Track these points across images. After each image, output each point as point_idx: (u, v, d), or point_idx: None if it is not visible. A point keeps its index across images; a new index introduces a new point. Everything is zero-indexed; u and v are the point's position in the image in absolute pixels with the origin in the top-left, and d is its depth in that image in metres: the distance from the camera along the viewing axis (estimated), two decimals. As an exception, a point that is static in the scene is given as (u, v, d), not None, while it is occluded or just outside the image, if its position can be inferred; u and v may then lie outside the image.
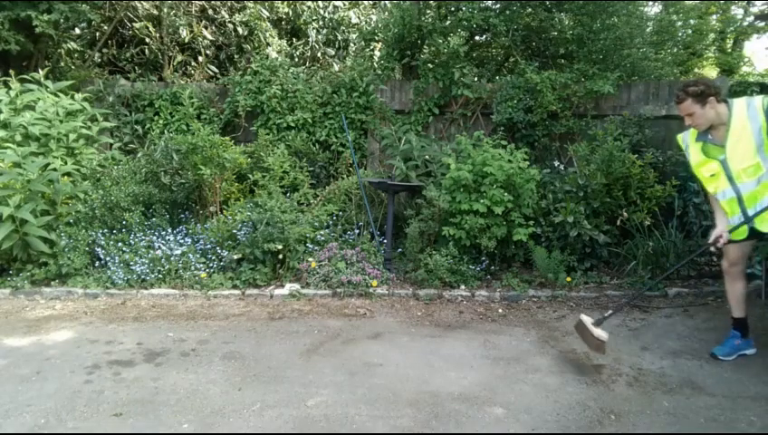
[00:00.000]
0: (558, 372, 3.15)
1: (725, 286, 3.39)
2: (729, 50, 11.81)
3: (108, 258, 4.70)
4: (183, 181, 5.36)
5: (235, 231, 4.86)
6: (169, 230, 5.09)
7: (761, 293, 4.45)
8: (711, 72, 11.63)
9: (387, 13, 8.26)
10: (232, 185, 5.62)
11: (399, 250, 5.24)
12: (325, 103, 6.25)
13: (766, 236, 3.08)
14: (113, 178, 5.29)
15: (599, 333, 3.20)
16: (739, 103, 2.95)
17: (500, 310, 4.29)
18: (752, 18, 11.14)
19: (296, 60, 9.00)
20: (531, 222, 4.80)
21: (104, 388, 2.89)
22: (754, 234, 3.09)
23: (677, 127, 5.82)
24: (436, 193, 4.86)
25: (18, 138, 5.18)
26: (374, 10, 10.02)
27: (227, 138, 5.66)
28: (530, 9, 7.00)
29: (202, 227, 5.11)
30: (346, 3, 9.69)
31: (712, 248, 3.19)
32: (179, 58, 8.24)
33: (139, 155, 5.78)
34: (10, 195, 4.45)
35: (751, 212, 3.00)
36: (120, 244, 4.84)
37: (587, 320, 3.31)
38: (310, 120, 6.16)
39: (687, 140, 3.22)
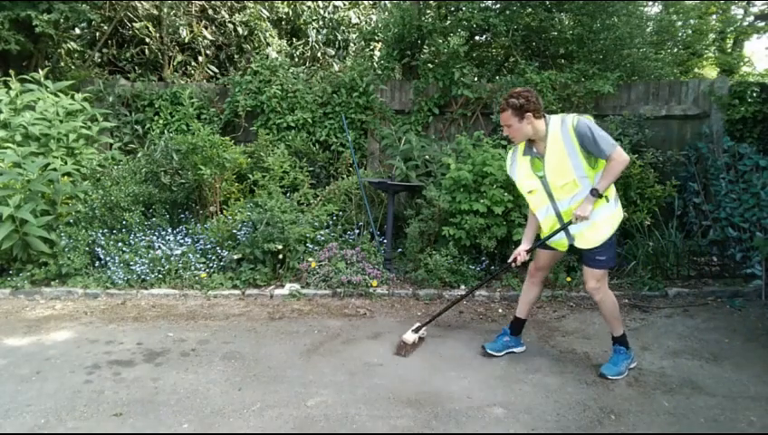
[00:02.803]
0: (558, 372, 3.15)
1: (523, 286, 3.44)
2: (729, 50, 11.82)
3: (108, 258, 4.70)
4: (183, 181, 5.35)
5: (235, 231, 4.86)
6: (169, 230, 5.09)
7: (761, 293, 4.45)
8: (711, 72, 11.64)
9: (387, 13, 8.26)
10: (232, 185, 5.62)
11: (399, 250, 5.24)
12: (325, 103, 6.25)
13: (583, 252, 3.06)
14: (113, 178, 5.29)
15: (408, 335, 3.43)
16: (554, 120, 2.95)
17: (500, 310, 4.29)
18: (752, 18, 11.14)
19: (296, 60, 9.00)
20: (531, 222, 4.79)
21: (104, 388, 2.88)
22: (572, 249, 3.11)
23: (677, 127, 5.89)
24: (436, 193, 4.86)
25: (18, 138, 5.18)
26: (374, 10, 10.02)
27: (227, 138, 5.66)
28: (530, 9, 7.01)
29: (202, 227, 5.11)
30: (346, 3, 9.70)
31: (513, 265, 3.25)
32: (179, 58, 8.24)
33: (139, 155, 5.78)
34: (10, 195, 4.45)
35: (572, 229, 2.99)
36: (120, 244, 4.84)
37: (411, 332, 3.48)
38: (310, 120, 6.16)
39: (516, 156, 3.15)
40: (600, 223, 2.94)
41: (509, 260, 3.24)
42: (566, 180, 2.91)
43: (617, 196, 3.05)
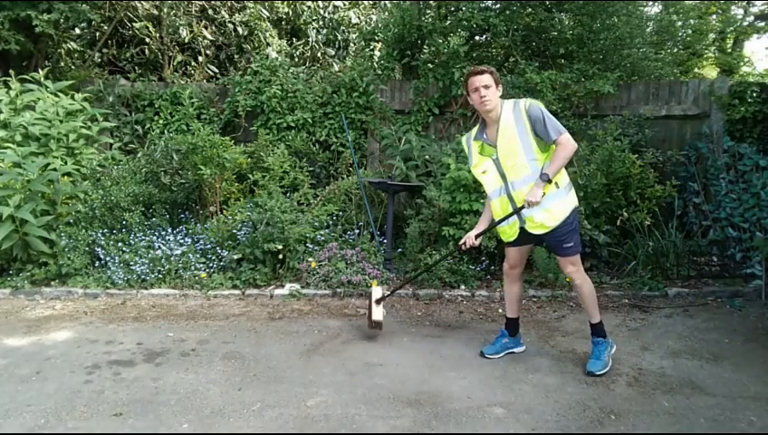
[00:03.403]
0: (558, 372, 3.15)
1: (504, 287, 3.44)
2: (729, 50, 11.82)
3: (108, 258, 4.70)
4: (183, 181, 5.36)
5: (235, 231, 4.86)
6: (169, 230, 5.09)
7: (761, 293, 4.45)
8: (711, 72, 11.64)
9: (387, 13, 8.26)
10: (232, 185, 5.62)
11: (399, 250, 5.24)
12: (325, 103, 6.25)
13: (540, 239, 3.11)
14: (113, 179, 5.29)
15: (377, 313, 3.49)
16: (507, 103, 3.02)
17: (500, 310, 4.28)
18: (752, 18, 11.15)
19: (296, 60, 9.00)
20: (531, 222, 4.79)
21: (104, 388, 2.88)
22: (526, 236, 3.12)
23: (678, 127, 5.89)
24: (436, 193, 4.86)
25: (18, 138, 5.18)
26: (374, 10, 10.02)
27: (227, 138, 5.66)
28: (530, 9, 7.01)
29: (202, 227, 5.11)
30: (346, 3, 9.70)
31: (460, 250, 3.34)
32: (179, 58, 8.24)
33: (139, 155, 5.78)
34: (10, 195, 4.45)
35: (523, 213, 3.02)
36: (120, 244, 4.84)
37: (375, 293, 3.56)
38: (310, 120, 6.16)
39: (470, 141, 3.21)
40: (551, 208, 2.98)
41: (459, 243, 3.31)
42: (515, 161, 2.97)
43: (569, 183, 3.09)
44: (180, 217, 5.42)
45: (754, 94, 5.61)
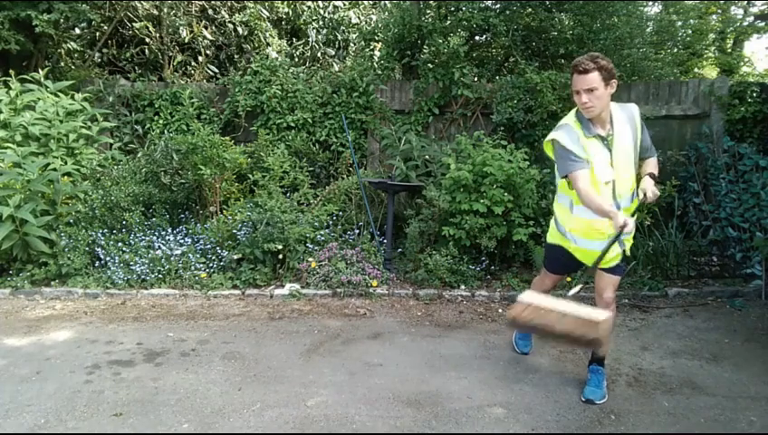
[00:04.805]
0: (558, 371, 3.15)
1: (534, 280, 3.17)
2: (729, 50, 11.82)
3: (108, 258, 4.70)
4: (183, 181, 5.35)
5: (235, 231, 4.86)
6: (169, 230, 5.09)
7: (761, 293, 4.45)
8: (711, 72, 11.64)
9: (387, 13, 8.26)
10: (232, 185, 5.62)
11: (399, 250, 5.24)
12: (325, 103, 6.25)
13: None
14: (113, 178, 5.29)
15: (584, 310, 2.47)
16: (614, 105, 2.59)
17: (500, 310, 4.29)
18: (752, 18, 11.14)
19: (296, 60, 8.99)
20: (531, 222, 4.79)
21: (104, 388, 2.88)
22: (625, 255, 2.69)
23: (677, 127, 5.89)
24: (436, 193, 4.86)
25: (18, 138, 5.18)
26: (374, 10, 10.01)
27: (227, 138, 5.66)
28: (530, 9, 7.00)
29: (202, 227, 5.11)
30: (346, 3, 9.69)
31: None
32: (179, 58, 8.23)
33: (139, 155, 5.78)
34: (10, 195, 4.45)
35: (623, 235, 2.46)
36: (120, 244, 4.84)
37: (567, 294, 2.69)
38: (310, 120, 6.16)
39: (579, 140, 2.52)
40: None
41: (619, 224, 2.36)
42: (629, 174, 2.53)
43: None
44: (180, 217, 5.42)
45: (754, 94, 5.61)
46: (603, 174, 2.51)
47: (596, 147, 2.53)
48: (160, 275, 4.67)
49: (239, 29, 8.60)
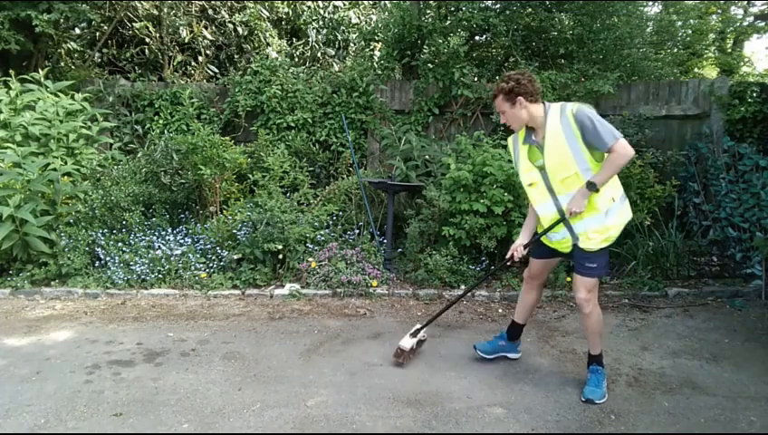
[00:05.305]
0: (558, 372, 3.15)
1: (521, 290, 3.25)
2: (729, 50, 11.83)
3: (108, 258, 4.70)
4: (183, 181, 5.36)
5: (235, 231, 4.86)
6: (169, 230, 5.09)
7: (761, 293, 4.45)
8: (711, 72, 11.65)
9: (387, 13, 8.26)
10: (232, 185, 5.62)
11: (399, 250, 5.24)
12: (325, 103, 6.25)
13: (575, 258, 2.82)
14: (113, 178, 5.29)
15: (405, 341, 3.23)
16: (554, 108, 2.73)
17: (500, 310, 4.29)
18: (752, 18, 11.15)
19: (296, 60, 9.00)
20: (531, 222, 4.79)
21: (104, 388, 2.88)
22: (576, 249, 2.82)
23: (677, 127, 5.89)
24: (436, 193, 4.86)
25: (18, 138, 5.18)
26: (374, 10, 10.02)
27: (227, 138, 5.66)
28: (530, 9, 7.01)
29: (202, 227, 5.11)
30: (346, 3, 9.69)
31: (509, 263, 3.10)
32: (179, 58, 8.24)
33: (139, 155, 5.79)
34: (10, 195, 4.45)
35: (577, 228, 2.75)
36: (120, 244, 4.84)
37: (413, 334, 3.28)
38: (310, 120, 6.16)
39: (517, 144, 2.92)
40: (609, 225, 2.71)
41: (506, 257, 3.04)
42: (568, 173, 2.69)
43: (623, 194, 2.83)
44: (180, 217, 5.42)
45: (754, 94, 5.61)
46: (525, 178, 2.90)
47: (524, 154, 2.88)
48: (160, 275, 4.67)
49: (239, 29, 8.60)
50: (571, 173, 2.69)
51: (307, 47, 9.22)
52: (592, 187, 2.63)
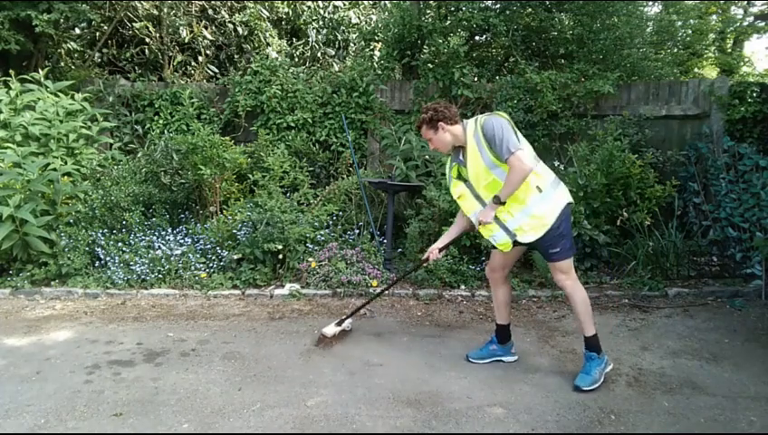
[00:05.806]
0: (558, 372, 3.15)
1: (492, 291, 3.34)
2: (729, 50, 11.83)
3: (108, 258, 4.70)
4: (183, 181, 5.36)
5: (235, 231, 4.86)
6: (169, 230, 5.09)
7: (761, 293, 4.45)
8: (711, 72, 11.65)
9: (387, 13, 8.26)
10: (232, 185, 5.63)
11: (399, 250, 5.24)
12: (325, 103, 6.25)
13: (531, 245, 2.98)
14: (113, 179, 5.29)
15: (328, 328, 3.50)
16: (470, 124, 2.96)
17: (500, 310, 4.28)
18: (752, 18, 11.15)
19: (296, 60, 9.00)
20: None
21: (104, 388, 2.88)
22: (518, 244, 2.98)
23: (677, 127, 5.89)
24: (436, 193, 4.86)
25: (18, 138, 5.18)
26: (374, 10, 10.02)
27: (227, 138, 5.67)
28: (530, 9, 7.01)
29: (202, 227, 5.11)
30: (346, 3, 9.69)
31: (425, 264, 3.40)
32: (179, 58, 8.24)
33: (139, 155, 5.79)
34: (10, 195, 4.45)
35: (510, 225, 2.89)
36: (120, 244, 4.84)
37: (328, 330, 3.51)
38: (310, 120, 6.16)
39: (451, 164, 3.15)
40: (539, 214, 2.84)
41: (422, 258, 3.27)
42: (488, 180, 2.90)
43: (555, 180, 2.94)
44: (180, 217, 5.42)
45: (754, 94, 5.60)
46: (454, 192, 3.12)
47: (454, 172, 3.11)
48: (160, 275, 4.67)
49: (239, 29, 8.60)
50: (490, 180, 2.90)
51: (307, 47, 9.22)
52: (497, 200, 2.85)
